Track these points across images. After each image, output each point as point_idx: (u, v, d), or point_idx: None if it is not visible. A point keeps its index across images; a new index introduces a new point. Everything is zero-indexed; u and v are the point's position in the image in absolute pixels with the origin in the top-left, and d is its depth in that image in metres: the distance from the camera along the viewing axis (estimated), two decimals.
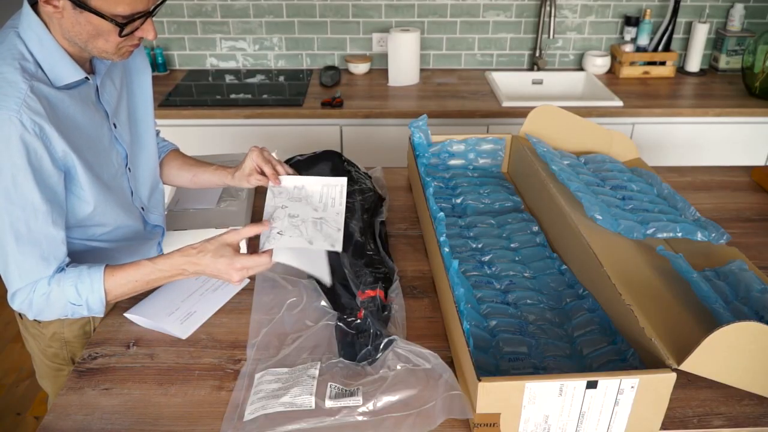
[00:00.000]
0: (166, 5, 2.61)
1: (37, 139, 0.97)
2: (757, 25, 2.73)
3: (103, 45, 1.01)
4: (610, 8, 2.69)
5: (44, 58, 1.01)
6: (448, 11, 2.67)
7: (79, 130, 1.06)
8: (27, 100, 0.95)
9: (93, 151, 1.09)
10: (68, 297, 1.04)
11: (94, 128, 1.10)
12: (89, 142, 1.08)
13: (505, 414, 0.89)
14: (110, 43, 1.01)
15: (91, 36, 1.00)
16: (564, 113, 1.63)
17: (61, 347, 1.26)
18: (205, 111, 2.27)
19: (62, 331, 1.23)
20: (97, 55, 1.04)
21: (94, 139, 1.09)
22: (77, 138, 1.05)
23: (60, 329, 1.23)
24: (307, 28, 2.68)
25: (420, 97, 2.44)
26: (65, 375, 1.30)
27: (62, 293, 1.03)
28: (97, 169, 1.10)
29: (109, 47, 1.02)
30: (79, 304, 1.05)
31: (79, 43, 1.01)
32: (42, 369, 1.32)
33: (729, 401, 0.99)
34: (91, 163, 1.08)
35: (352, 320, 1.12)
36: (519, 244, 1.36)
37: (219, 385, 1.02)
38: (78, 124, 1.06)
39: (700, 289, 1.09)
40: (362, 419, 0.93)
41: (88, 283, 1.04)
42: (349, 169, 1.56)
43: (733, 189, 1.68)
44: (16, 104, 0.94)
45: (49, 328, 1.23)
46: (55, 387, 1.34)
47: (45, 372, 1.32)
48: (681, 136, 2.39)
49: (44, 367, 1.31)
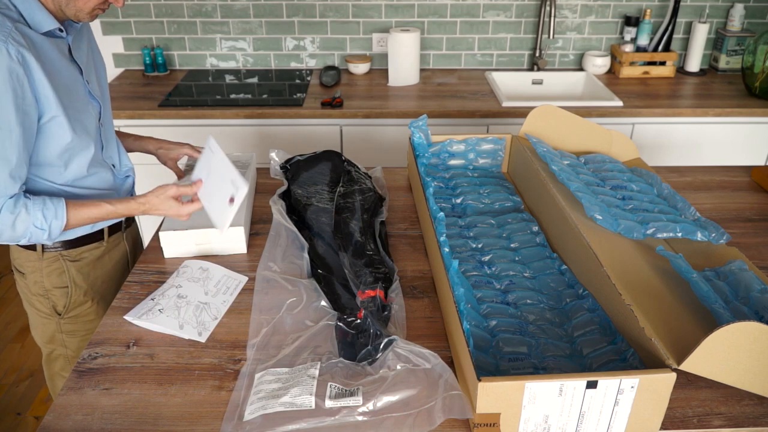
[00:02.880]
0: (166, 5, 2.61)
1: (20, 66, 1.09)
2: (757, 25, 2.73)
3: (83, 5, 1.17)
4: (610, 8, 2.69)
5: (25, 9, 1.14)
6: (448, 11, 2.67)
7: (59, 73, 1.19)
8: (12, 33, 1.09)
9: (70, 96, 1.22)
10: (34, 221, 1.16)
11: (71, 77, 1.23)
12: (67, 87, 1.21)
13: (505, 414, 0.89)
14: (89, 4, 1.18)
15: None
16: (564, 113, 1.63)
17: (44, 296, 1.38)
18: (205, 111, 2.27)
19: (42, 280, 1.36)
20: (72, 14, 1.19)
21: (70, 85, 1.22)
22: (56, 78, 1.17)
23: (40, 278, 1.36)
24: (308, 28, 2.68)
25: (420, 97, 2.44)
26: (52, 325, 1.42)
27: (28, 216, 1.16)
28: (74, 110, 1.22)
29: (87, 8, 1.18)
30: (42, 229, 1.17)
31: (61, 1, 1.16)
32: (33, 319, 1.44)
33: (729, 401, 0.99)
34: (69, 101, 1.21)
35: (352, 320, 1.12)
36: (519, 244, 1.36)
37: (219, 385, 1.02)
38: (57, 67, 1.19)
39: (700, 289, 1.09)
40: (362, 419, 0.93)
41: (53, 209, 1.18)
42: (349, 169, 1.56)
43: (733, 189, 1.68)
44: (2, 35, 1.07)
45: (30, 278, 1.36)
46: (43, 339, 1.45)
47: (35, 321, 1.44)
48: (681, 136, 2.39)
49: (33, 316, 1.43)
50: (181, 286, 1.23)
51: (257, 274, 1.28)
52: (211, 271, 1.28)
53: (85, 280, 1.40)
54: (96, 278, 1.42)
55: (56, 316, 1.41)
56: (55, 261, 1.35)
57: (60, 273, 1.36)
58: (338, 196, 1.43)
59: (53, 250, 1.34)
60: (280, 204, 1.44)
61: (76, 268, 1.38)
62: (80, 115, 1.25)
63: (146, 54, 2.63)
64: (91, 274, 1.41)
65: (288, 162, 1.60)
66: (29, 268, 1.36)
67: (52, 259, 1.35)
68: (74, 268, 1.38)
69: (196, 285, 1.24)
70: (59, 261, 1.35)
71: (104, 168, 1.35)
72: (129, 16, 2.64)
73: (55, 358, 1.47)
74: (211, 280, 1.26)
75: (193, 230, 1.33)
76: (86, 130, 1.26)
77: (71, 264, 1.37)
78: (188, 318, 1.15)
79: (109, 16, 2.62)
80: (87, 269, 1.40)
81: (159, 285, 1.25)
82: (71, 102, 1.22)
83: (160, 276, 1.29)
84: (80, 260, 1.38)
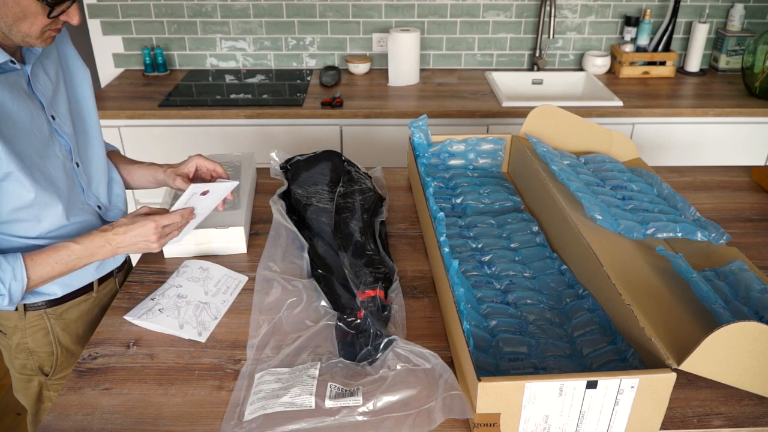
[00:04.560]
0: (166, 5, 2.61)
1: None
2: (757, 25, 2.73)
3: (28, 29, 1.00)
4: (610, 8, 2.69)
5: None
6: (448, 11, 2.67)
7: (10, 119, 1.04)
8: None
9: (28, 141, 1.06)
10: None
11: (28, 117, 1.07)
12: (22, 131, 1.05)
13: (505, 414, 0.89)
14: (36, 26, 1.00)
15: (17, 18, 0.99)
16: (564, 113, 1.63)
17: (27, 357, 1.25)
18: (205, 111, 2.27)
19: (25, 341, 1.23)
20: (20, 40, 1.02)
21: (28, 128, 1.07)
22: (7, 125, 1.02)
23: (23, 339, 1.22)
24: (308, 28, 2.68)
25: (420, 97, 2.44)
26: (36, 386, 1.29)
27: None
28: (35, 159, 1.07)
29: (34, 31, 1.01)
30: (1, 294, 1.03)
31: (2, 26, 1.00)
32: (15, 382, 1.31)
33: (729, 401, 0.99)
34: (26, 152, 1.05)
35: (352, 320, 1.12)
36: (519, 244, 1.36)
37: (219, 385, 1.02)
38: (8, 112, 1.03)
39: (700, 289, 1.09)
40: (362, 419, 0.93)
41: (9, 271, 1.02)
42: (349, 169, 1.56)
43: (733, 189, 1.68)
44: None
45: (13, 338, 1.23)
46: (28, 400, 1.31)
47: (18, 385, 1.31)
48: (681, 136, 2.39)
49: (16, 379, 1.30)
50: (181, 286, 1.23)
51: (257, 274, 1.28)
52: (211, 271, 1.28)
53: (72, 340, 1.27)
54: (86, 332, 1.28)
55: (43, 376, 1.27)
56: (39, 320, 1.21)
57: (45, 333, 1.23)
58: (338, 196, 1.43)
59: (37, 309, 1.20)
60: (280, 204, 1.44)
61: (61, 327, 1.24)
62: (44, 162, 1.08)
63: (146, 54, 2.63)
64: (80, 329, 1.27)
65: (288, 162, 1.60)
66: (10, 328, 1.22)
67: (35, 318, 1.21)
68: (59, 327, 1.24)
69: (196, 285, 1.24)
70: (43, 319, 1.22)
71: (86, 212, 1.20)
72: (129, 16, 2.64)
73: (45, 410, 1.32)
74: (211, 279, 1.26)
75: (193, 230, 1.33)
76: (51, 180, 1.10)
77: (56, 322, 1.23)
78: (188, 318, 1.15)
79: (109, 16, 2.62)
80: (74, 327, 1.26)
81: (159, 285, 1.25)
82: (30, 150, 1.06)
83: (160, 276, 1.29)
84: (65, 318, 1.24)
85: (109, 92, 2.47)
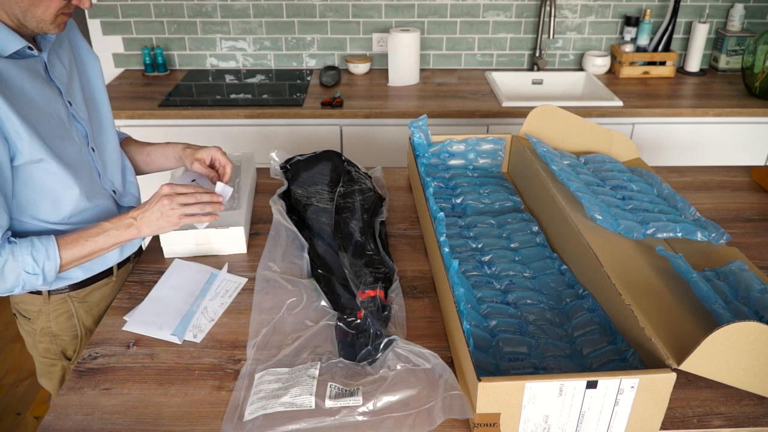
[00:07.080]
0: (166, 5, 2.61)
1: None
2: (757, 25, 2.73)
3: (42, 13, 1.03)
4: (610, 8, 2.69)
5: None
6: (448, 11, 2.67)
7: (31, 102, 1.06)
8: None
9: (48, 124, 1.09)
10: (24, 266, 1.05)
11: (48, 102, 1.10)
12: (44, 115, 1.08)
13: (505, 414, 0.89)
14: (50, 9, 1.03)
15: (32, 4, 1.02)
16: (564, 113, 1.63)
17: (51, 342, 1.28)
18: (205, 111, 2.27)
19: (49, 325, 1.26)
20: (35, 26, 1.05)
21: (48, 112, 1.10)
22: (28, 109, 1.05)
23: (47, 323, 1.26)
24: (308, 28, 2.68)
25: (420, 97, 2.44)
26: (59, 371, 1.32)
27: (16, 264, 1.05)
28: (56, 142, 1.10)
29: (48, 15, 1.04)
30: (35, 273, 1.06)
31: (17, 12, 1.02)
32: (39, 367, 1.34)
33: (729, 401, 0.99)
34: (49, 135, 1.08)
35: (352, 320, 1.12)
36: (519, 244, 1.36)
37: (219, 385, 1.02)
38: (28, 96, 1.06)
39: (700, 289, 1.09)
40: (362, 419, 0.93)
41: (43, 251, 1.06)
42: (349, 169, 1.56)
43: (733, 189, 1.68)
44: None
45: (37, 323, 1.26)
46: (52, 384, 1.35)
47: (42, 369, 1.33)
48: (681, 136, 2.39)
49: (40, 364, 1.33)
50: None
51: (257, 274, 1.28)
52: (208, 274, 1.28)
53: (95, 322, 1.30)
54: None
55: (65, 361, 1.31)
56: (62, 303, 1.25)
57: (69, 316, 1.26)
58: (338, 196, 1.43)
59: (60, 292, 1.24)
60: (280, 204, 1.44)
61: (85, 309, 1.28)
62: (64, 145, 1.12)
63: (146, 54, 2.63)
64: (102, 312, 1.30)
65: (288, 162, 1.60)
66: (34, 313, 1.26)
67: (59, 301, 1.25)
68: (83, 310, 1.28)
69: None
70: (67, 303, 1.25)
71: (103, 197, 1.23)
72: (129, 16, 2.64)
73: None
74: (208, 282, 1.26)
75: (193, 230, 1.33)
76: (71, 163, 1.13)
77: (80, 305, 1.27)
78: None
79: (109, 16, 2.62)
80: (96, 309, 1.30)
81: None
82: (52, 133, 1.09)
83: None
84: (88, 301, 1.28)
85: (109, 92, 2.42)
